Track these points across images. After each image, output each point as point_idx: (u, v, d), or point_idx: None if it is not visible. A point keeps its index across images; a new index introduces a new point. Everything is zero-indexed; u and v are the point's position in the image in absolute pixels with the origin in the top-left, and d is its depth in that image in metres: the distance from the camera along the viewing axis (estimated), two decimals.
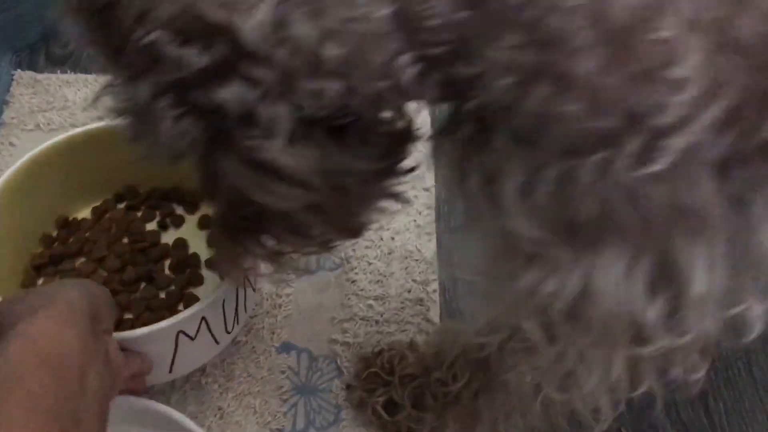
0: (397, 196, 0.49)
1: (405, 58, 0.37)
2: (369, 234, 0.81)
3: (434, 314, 0.76)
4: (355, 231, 0.52)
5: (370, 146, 0.44)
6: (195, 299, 0.67)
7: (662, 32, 0.33)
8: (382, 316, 0.76)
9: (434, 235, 0.82)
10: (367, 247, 0.81)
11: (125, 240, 0.73)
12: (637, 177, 0.36)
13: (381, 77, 0.38)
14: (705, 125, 0.35)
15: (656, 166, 0.35)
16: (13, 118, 0.90)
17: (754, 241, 0.40)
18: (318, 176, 0.42)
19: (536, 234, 0.40)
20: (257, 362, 0.72)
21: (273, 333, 0.74)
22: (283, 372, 0.71)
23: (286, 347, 0.73)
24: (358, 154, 0.44)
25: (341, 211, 0.48)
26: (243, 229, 0.49)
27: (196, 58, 0.36)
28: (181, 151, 0.40)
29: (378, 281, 0.78)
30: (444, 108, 0.44)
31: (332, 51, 0.36)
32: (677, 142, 0.35)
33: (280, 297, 0.76)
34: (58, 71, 0.95)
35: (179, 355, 0.63)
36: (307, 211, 0.46)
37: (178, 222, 0.75)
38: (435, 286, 0.78)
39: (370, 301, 0.76)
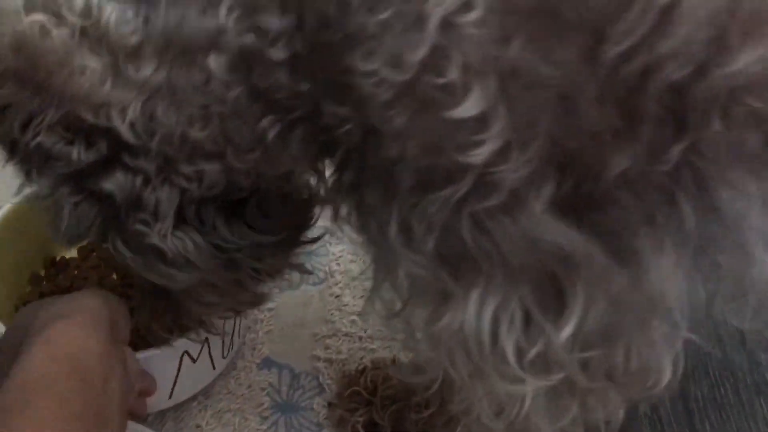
0: (299, 267, 0.54)
1: (263, 124, 0.41)
2: (354, 248, 0.80)
3: None
4: (255, 303, 0.57)
5: (269, 219, 0.48)
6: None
7: (447, 76, 0.34)
8: (365, 332, 0.74)
9: None
10: (351, 261, 0.80)
11: (114, 276, 0.73)
12: (481, 211, 0.38)
13: (250, 148, 0.42)
14: (522, 163, 0.36)
15: (491, 202, 0.37)
16: None
17: (645, 285, 0.40)
18: (206, 257, 0.46)
19: (426, 271, 0.42)
20: (237, 379, 0.70)
21: (254, 349, 0.73)
22: (263, 389, 0.70)
23: (267, 363, 0.72)
24: (257, 228, 0.48)
25: (234, 287, 0.51)
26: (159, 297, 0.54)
27: (82, 154, 0.41)
28: (80, 234, 0.45)
29: (362, 296, 0.77)
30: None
31: (198, 134, 0.41)
32: (502, 179, 0.36)
33: (262, 312, 0.75)
34: None
35: (180, 379, 0.63)
36: (203, 288, 0.50)
37: None
38: None
39: (353, 317, 0.75)
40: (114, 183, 0.42)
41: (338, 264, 0.79)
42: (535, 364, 0.42)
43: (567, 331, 0.40)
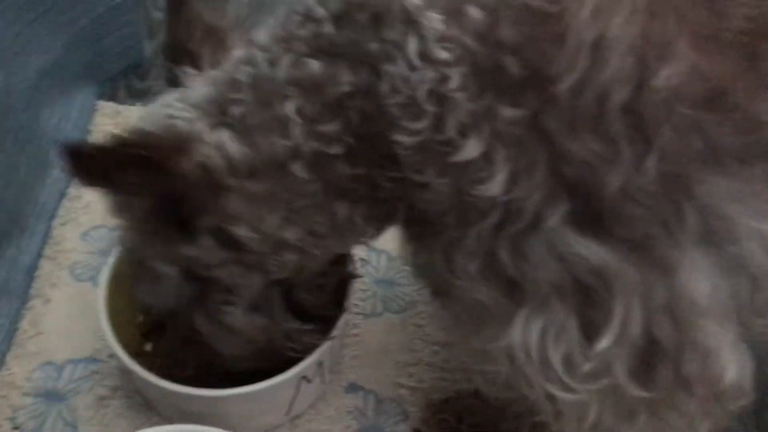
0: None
1: (336, 209, 0.52)
2: None
3: None
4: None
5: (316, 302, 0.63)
6: None
7: (446, 133, 0.45)
8: (447, 363, 0.77)
9: None
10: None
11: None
12: (514, 235, 0.45)
13: (327, 234, 0.53)
14: (533, 188, 0.44)
15: (519, 225, 0.45)
16: None
17: (677, 286, 0.44)
18: (261, 335, 0.60)
19: (486, 296, 0.48)
20: (325, 400, 0.73)
21: (341, 373, 0.75)
22: (350, 412, 0.73)
23: (353, 388, 0.75)
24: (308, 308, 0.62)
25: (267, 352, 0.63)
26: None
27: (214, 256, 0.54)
28: (165, 304, 0.60)
29: (444, 327, 0.79)
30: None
31: (288, 231, 0.52)
32: (523, 204, 0.44)
33: (347, 337, 0.78)
34: (138, 104, 0.99)
35: (298, 398, 0.67)
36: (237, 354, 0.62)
37: None
38: None
39: (436, 347, 0.78)
40: (225, 272, 0.55)
41: (420, 295, 0.82)
42: (582, 373, 0.46)
43: (608, 340, 0.45)
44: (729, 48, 0.43)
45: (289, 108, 0.48)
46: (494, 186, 0.44)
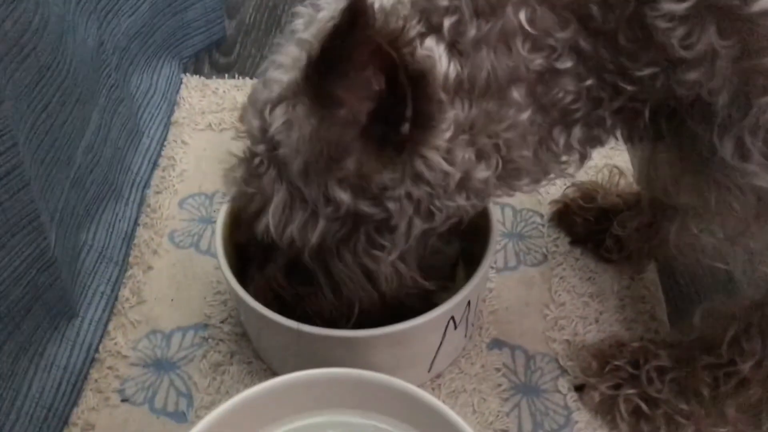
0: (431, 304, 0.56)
1: (554, 134, 0.47)
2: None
3: (661, 312, 0.67)
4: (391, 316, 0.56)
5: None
6: None
7: None
8: (601, 314, 0.67)
9: None
10: (571, 242, 0.73)
11: None
12: None
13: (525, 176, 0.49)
14: None
15: None
16: (184, 117, 0.87)
17: None
18: (393, 287, 0.52)
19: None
20: (468, 358, 0.64)
21: (480, 329, 0.66)
22: (498, 369, 0.63)
23: (497, 344, 0.65)
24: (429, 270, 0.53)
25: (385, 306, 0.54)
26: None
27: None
28: (304, 243, 0.49)
29: (589, 278, 0.70)
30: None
31: (481, 169, 0.46)
32: None
33: (482, 291, 0.69)
34: (225, 76, 0.94)
35: (442, 350, 0.58)
36: (359, 304, 0.53)
37: None
38: (655, 280, 0.69)
39: (586, 298, 0.68)
40: (398, 206, 0.47)
41: (556, 245, 0.73)
42: None
43: None
44: None
45: (517, 18, 0.41)
46: None
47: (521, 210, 0.77)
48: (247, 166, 0.50)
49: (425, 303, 0.55)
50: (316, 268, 0.52)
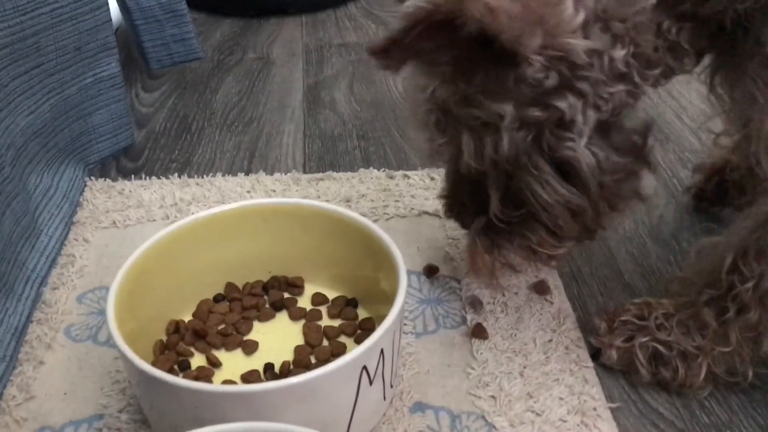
0: (640, 195, 0.58)
1: (665, 26, 0.51)
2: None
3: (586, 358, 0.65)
4: (595, 233, 0.60)
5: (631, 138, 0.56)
6: None
7: None
8: (525, 368, 0.64)
9: None
10: (488, 303, 0.72)
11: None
12: None
13: (653, 65, 0.52)
14: None
15: None
16: (87, 217, 0.84)
17: None
18: (597, 174, 0.54)
19: None
20: (390, 423, 0.59)
21: (402, 393, 0.62)
22: None
23: (419, 407, 0.61)
24: (623, 148, 0.55)
25: (595, 211, 0.56)
26: (504, 233, 0.60)
27: (549, 79, 0.49)
28: (508, 157, 0.53)
29: (511, 335, 0.68)
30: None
31: (619, 53, 0.49)
32: None
33: (402, 356, 0.66)
34: (132, 178, 0.92)
35: (359, 405, 0.54)
36: (567, 213, 0.56)
37: (292, 302, 0.70)
38: (577, 331, 0.68)
39: (508, 354, 0.66)
40: (566, 103, 0.50)
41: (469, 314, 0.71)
42: None
43: None
44: None
45: None
46: None
47: (438, 276, 0.75)
48: (426, 128, 0.56)
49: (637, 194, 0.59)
50: (521, 185, 0.55)
